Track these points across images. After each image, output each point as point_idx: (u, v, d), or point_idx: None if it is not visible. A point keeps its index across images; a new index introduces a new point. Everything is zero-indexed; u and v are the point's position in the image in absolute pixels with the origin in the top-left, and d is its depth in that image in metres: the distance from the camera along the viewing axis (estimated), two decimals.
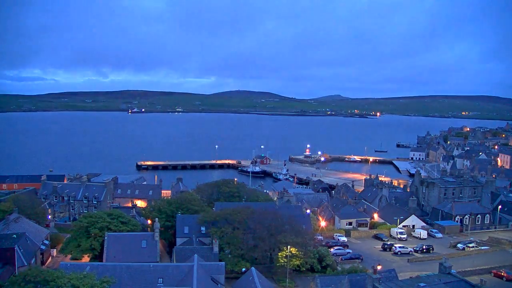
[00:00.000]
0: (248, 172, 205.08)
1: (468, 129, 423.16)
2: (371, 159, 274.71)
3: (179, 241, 69.32)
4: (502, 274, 60.57)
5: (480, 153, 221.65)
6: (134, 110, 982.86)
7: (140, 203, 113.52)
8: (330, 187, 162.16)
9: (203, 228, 70.12)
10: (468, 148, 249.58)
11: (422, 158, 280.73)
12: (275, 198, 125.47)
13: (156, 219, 67.65)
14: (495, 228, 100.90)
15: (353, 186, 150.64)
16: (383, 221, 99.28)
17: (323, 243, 77.18)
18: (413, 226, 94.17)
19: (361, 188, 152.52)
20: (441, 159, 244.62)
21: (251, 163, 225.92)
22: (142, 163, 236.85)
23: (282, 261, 60.64)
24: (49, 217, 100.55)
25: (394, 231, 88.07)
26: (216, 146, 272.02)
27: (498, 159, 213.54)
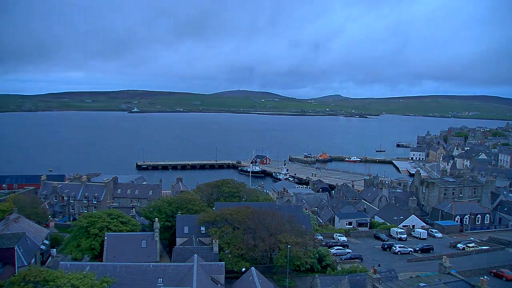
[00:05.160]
0: (248, 172, 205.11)
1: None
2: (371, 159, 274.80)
3: (179, 241, 69.29)
4: (502, 274, 60.55)
5: (480, 153, 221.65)
6: (133, 110, 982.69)
7: None
8: (330, 187, 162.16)
9: (203, 228, 70.13)
10: (468, 148, 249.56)
11: (422, 158, 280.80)
12: (275, 198, 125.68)
13: (156, 219, 67.56)
14: (495, 228, 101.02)
15: (353, 186, 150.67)
16: (383, 221, 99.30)
17: (323, 243, 77.16)
18: (413, 226, 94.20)
19: (361, 188, 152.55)
20: (441, 159, 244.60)
21: (251, 163, 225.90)
22: (142, 163, 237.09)
23: (282, 261, 60.64)
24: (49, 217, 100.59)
25: (394, 231, 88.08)
26: (216, 146, 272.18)
27: (498, 159, 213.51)
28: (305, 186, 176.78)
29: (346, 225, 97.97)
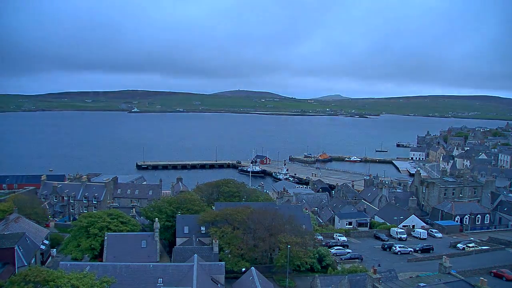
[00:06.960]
0: (248, 172, 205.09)
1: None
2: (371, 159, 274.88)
3: (179, 241, 69.30)
4: (502, 274, 60.58)
5: (480, 153, 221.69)
6: (133, 110, 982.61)
7: None
8: (330, 187, 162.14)
9: (203, 228, 70.17)
10: (468, 148, 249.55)
11: (422, 158, 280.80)
12: (275, 198, 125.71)
13: (156, 219, 67.64)
14: (495, 228, 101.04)
15: (353, 186, 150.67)
16: (383, 221, 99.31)
17: (323, 243, 77.17)
18: (413, 226, 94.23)
19: (361, 188, 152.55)
20: (441, 159, 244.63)
21: (251, 163, 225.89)
22: (142, 163, 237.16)
23: (282, 261, 60.65)
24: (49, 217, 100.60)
25: (394, 231, 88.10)
26: (216, 146, 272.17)
27: (498, 159, 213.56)
28: (305, 186, 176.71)
29: (346, 225, 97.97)
